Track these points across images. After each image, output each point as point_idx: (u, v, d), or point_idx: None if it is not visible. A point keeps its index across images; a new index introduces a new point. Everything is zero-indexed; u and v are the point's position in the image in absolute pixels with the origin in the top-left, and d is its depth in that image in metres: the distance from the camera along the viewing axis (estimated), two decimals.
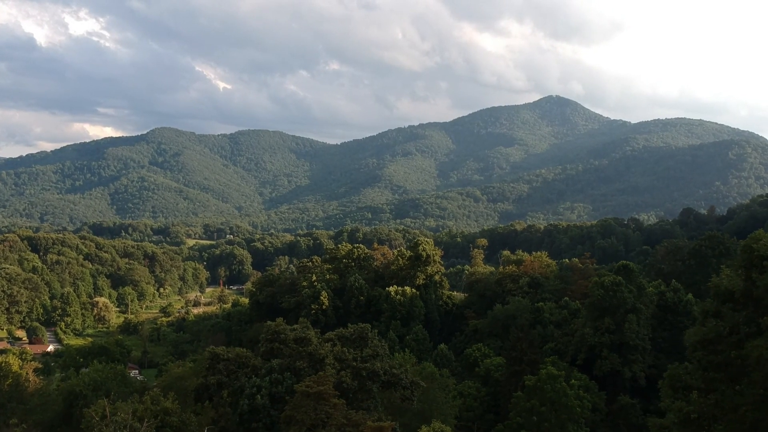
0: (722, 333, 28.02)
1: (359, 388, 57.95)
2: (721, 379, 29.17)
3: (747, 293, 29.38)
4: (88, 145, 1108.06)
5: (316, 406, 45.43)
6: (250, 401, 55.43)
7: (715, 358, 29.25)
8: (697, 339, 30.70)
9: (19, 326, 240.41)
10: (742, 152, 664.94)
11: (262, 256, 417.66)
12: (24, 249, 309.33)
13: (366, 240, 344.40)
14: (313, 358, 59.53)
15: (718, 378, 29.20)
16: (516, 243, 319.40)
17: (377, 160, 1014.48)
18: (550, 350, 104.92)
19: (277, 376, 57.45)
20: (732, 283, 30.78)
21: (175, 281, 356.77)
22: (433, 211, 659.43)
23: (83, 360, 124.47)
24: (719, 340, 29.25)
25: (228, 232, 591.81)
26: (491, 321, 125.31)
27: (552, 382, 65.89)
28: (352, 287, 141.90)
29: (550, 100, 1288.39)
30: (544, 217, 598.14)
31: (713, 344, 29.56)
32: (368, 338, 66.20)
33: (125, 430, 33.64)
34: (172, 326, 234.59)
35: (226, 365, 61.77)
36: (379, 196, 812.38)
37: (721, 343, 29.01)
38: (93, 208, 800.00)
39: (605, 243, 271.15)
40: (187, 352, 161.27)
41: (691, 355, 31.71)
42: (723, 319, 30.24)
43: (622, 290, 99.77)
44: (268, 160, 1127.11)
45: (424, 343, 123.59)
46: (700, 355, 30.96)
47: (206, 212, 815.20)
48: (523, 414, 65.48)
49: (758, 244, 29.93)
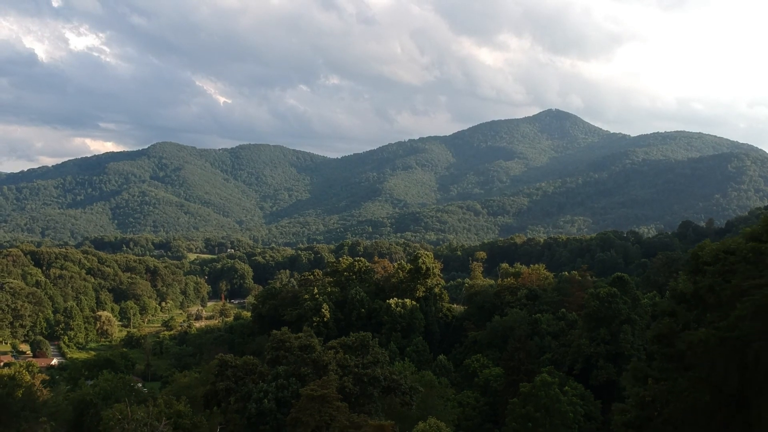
0: (675, 329, 31.48)
1: (361, 393, 60.60)
2: (673, 368, 32.57)
3: (696, 295, 32.73)
4: (90, 160, 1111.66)
5: (321, 408, 47.86)
6: (258, 405, 58.15)
7: (669, 351, 32.64)
8: (653, 334, 34.52)
9: (23, 340, 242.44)
10: (741, 165, 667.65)
11: (264, 270, 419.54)
12: (27, 263, 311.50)
13: (367, 253, 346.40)
14: (317, 365, 62.26)
15: (670, 368, 32.65)
16: (516, 256, 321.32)
17: (377, 173, 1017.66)
18: (548, 360, 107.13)
19: (282, 382, 60.18)
20: (684, 286, 34.36)
21: (176, 295, 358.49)
22: (433, 225, 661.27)
23: (88, 372, 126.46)
24: (672, 335, 32.60)
25: (229, 246, 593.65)
26: (490, 332, 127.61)
27: (546, 389, 68.30)
28: (353, 300, 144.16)
29: (550, 114, 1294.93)
30: (544, 230, 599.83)
31: (667, 338, 33.01)
32: (369, 346, 68.91)
33: (145, 427, 36.01)
34: (175, 340, 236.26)
35: (234, 372, 64.41)
36: (380, 209, 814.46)
37: (674, 337, 32.27)
38: (94, 223, 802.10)
39: (604, 256, 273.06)
40: (190, 365, 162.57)
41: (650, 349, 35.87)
42: (677, 317, 33.74)
43: (617, 301, 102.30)
44: (269, 174, 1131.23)
45: (424, 355, 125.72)
46: (656, 348, 34.76)
47: (207, 226, 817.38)
48: (519, 420, 67.79)
49: (703, 252, 33.83)
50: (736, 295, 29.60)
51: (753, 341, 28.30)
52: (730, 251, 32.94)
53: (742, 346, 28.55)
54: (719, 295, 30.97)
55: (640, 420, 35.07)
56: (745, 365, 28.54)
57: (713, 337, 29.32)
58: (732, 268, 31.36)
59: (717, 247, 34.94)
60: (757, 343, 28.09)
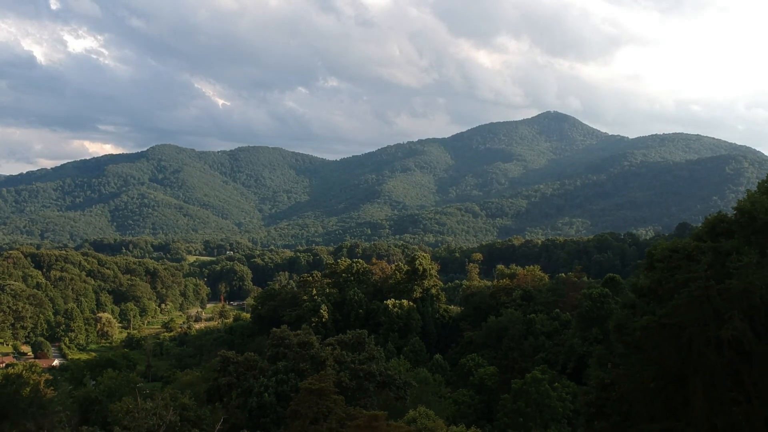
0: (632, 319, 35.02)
1: (357, 387, 63.13)
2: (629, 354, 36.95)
3: (650, 288, 36.85)
4: (89, 162, 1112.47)
5: (318, 401, 50.13)
6: (259, 399, 60.94)
7: (627, 338, 37.01)
8: (614, 324, 38.96)
9: (24, 341, 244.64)
10: (739, 167, 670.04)
11: (263, 272, 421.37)
12: (27, 265, 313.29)
13: (365, 255, 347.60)
14: (315, 361, 64.83)
15: (627, 354, 37.14)
16: (514, 258, 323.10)
17: (376, 176, 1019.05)
18: (542, 359, 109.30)
19: (282, 377, 62.92)
20: (642, 282, 38.62)
21: (176, 297, 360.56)
22: (432, 227, 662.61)
23: (91, 372, 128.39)
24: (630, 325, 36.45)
25: (228, 248, 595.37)
26: (485, 332, 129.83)
27: (536, 385, 70.65)
28: (351, 300, 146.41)
29: (548, 116, 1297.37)
30: (542, 232, 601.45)
31: (625, 328, 37.08)
32: (365, 343, 71.47)
33: (154, 417, 38.16)
34: (175, 341, 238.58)
35: (236, 367, 67.05)
36: (379, 212, 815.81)
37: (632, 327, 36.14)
38: (93, 225, 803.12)
39: (601, 257, 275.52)
40: (190, 365, 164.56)
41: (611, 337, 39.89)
42: (636, 309, 37.78)
43: (609, 302, 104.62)
44: (268, 176, 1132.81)
45: (421, 354, 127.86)
46: (616, 337, 39.39)
47: (206, 229, 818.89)
48: (510, 415, 70.16)
49: (656, 251, 37.89)
50: (677, 287, 33.41)
51: (687, 327, 32.32)
52: (676, 250, 36.93)
53: (679, 331, 32.55)
54: (665, 288, 34.81)
55: (600, 400, 39.39)
56: (681, 348, 32.45)
57: (654, 324, 33.31)
58: (677, 265, 35.14)
59: (667, 246, 38.71)
60: (690, 329, 32.12)
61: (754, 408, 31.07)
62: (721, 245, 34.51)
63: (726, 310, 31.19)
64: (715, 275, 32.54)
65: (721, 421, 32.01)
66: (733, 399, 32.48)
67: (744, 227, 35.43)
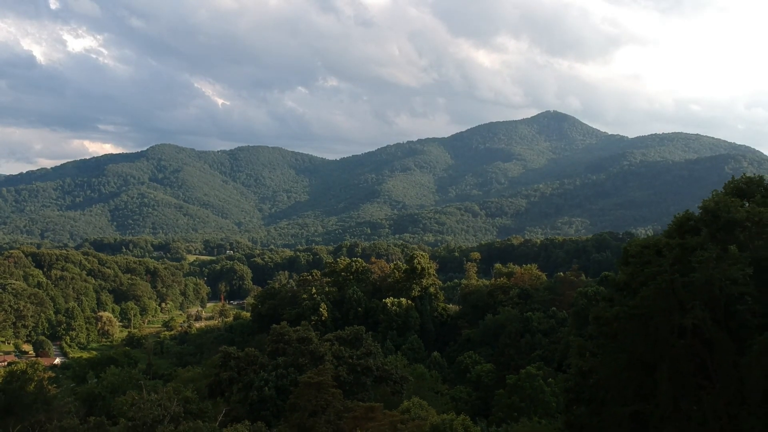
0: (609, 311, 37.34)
1: (354, 381, 64.83)
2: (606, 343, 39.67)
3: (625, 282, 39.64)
4: (88, 162, 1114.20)
5: (317, 394, 51.64)
6: (259, 393, 62.76)
7: (605, 330, 39.69)
8: (592, 316, 41.47)
9: (26, 340, 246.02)
10: (738, 166, 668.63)
11: (262, 271, 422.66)
12: (28, 265, 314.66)
13: (365, 255, 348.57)
14: (314, 356, 66.55)
15: (605, 344, 39.85)
16: (513, 257, 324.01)
17: (376, 175, 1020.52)
18: (538, 357, 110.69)
19: (282, 371, 64.74)
20: (619, 276, 41.54)
21: (176, 296, 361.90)
22: (431, 226, 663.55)
23: (93, 371, 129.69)
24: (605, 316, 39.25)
25: (228, 247, 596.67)
26: (482, 330, 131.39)
27: (531, 381, 72.14)
28: (350, 299, 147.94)
29: (548, 116, 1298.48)
30: (542, 231, 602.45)
31: (602, 319, 39.75)
32: (363, 339, 73.18)
33: (159, 407, 39.54)
34: (175, 340, 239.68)
35: (237, 362, 68.68)
36: (378, 211, 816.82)
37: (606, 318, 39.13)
38: (93, 225, 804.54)
39: (600, 257, 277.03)
40: (191, 363, 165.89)
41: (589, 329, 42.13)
42: (613, 302, 40.62)
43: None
44: (268, 176, 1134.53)
45: (419, 352, 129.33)
46: (594, 328, 42.45)
47: (206, 228, 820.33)
48: (505, 409, 71.62)
49: (630, 247, 40.61)
50: (646, 280, 36.32)
51: (654, 316, 35.18)
52: (647, 246, 39.93)
53: (646, 321, 35.47)
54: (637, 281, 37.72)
55: (578, 386, 42.34)
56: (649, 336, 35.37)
57: (625, 314, 36.49)
58: (648, 260, 37.96)
59: (640, 242, 42.18)
60: (657, 318, 35.01)
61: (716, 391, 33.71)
62: (687, 242, 37.26)
63: (689, 300, 33.93)
64: (681, 269, 35.31)
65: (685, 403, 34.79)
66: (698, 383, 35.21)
67: (708, 225, 38.25)
